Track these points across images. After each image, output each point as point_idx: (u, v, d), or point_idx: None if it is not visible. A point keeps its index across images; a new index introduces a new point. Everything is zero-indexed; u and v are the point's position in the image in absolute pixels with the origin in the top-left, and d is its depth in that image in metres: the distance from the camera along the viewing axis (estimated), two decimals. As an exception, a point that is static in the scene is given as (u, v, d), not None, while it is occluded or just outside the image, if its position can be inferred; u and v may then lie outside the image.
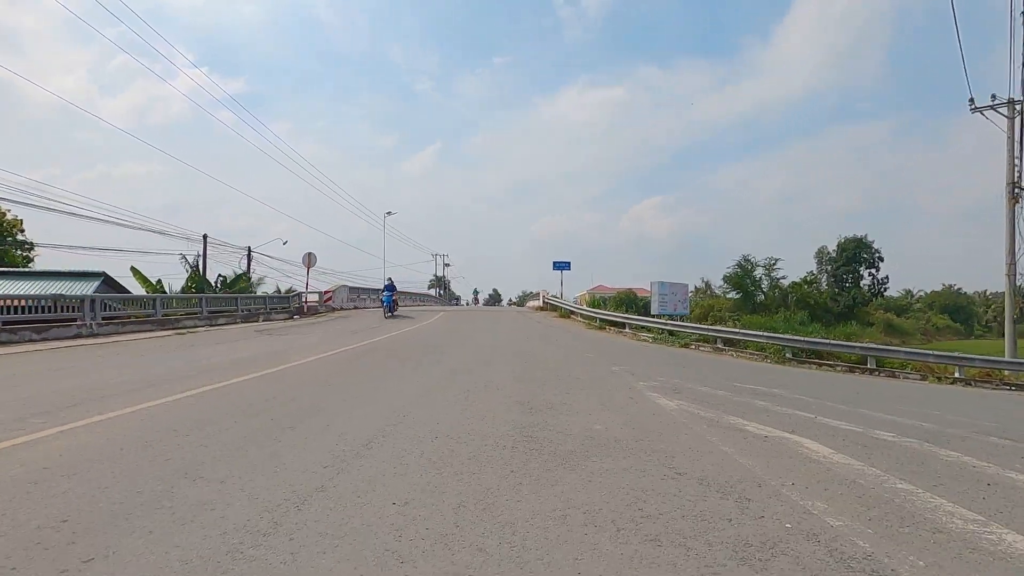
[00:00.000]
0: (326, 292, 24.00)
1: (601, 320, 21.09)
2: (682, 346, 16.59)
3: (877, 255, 62.25)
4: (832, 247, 65.12)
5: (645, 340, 17.84)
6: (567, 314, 24.80)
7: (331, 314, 22.62)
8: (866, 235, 62.90)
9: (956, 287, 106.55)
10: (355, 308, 26.49)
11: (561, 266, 27.67)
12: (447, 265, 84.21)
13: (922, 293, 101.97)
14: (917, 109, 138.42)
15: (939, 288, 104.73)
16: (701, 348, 16.39)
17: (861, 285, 63.29)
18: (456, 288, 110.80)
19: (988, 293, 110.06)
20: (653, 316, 21.61)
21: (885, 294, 66.39)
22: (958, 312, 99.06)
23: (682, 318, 26.34)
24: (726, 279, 60.47)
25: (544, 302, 28.75)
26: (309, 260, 22.14)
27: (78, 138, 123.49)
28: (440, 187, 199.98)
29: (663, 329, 17.96)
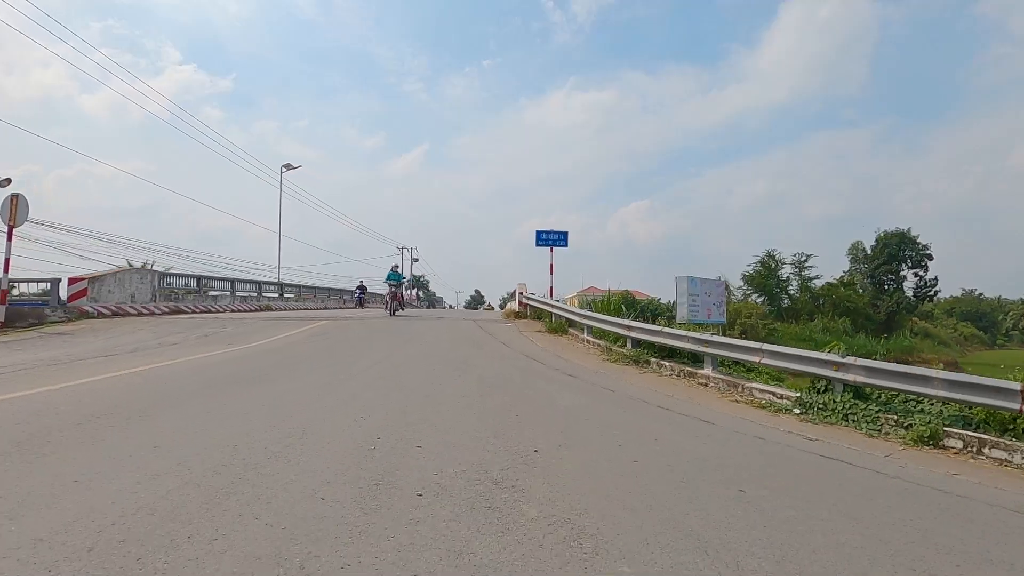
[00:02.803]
0: (75, 282, 12.10)
1: (635, 343, 9.72)
2: (921, 439, 5.30)
3: (924, 252, 51.95)
4: (868, 243, 54.71)
5: (767, 408, 6.54)
6: (560, 327, 13.38)
7: (68, 326, 10.94)
8: (909, 229, 52.57)
9: (977, 292, 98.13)
10: (170, 313, 14.78)
11: (550, 240, 15.97)
12: (415, 260, 72.93)
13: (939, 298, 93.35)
14: (898, 115, 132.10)
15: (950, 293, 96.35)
16: (998, 456, 5.07)
17: (904, 288, 53.08)
18: (436, 288, 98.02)
19: (1002, 299, 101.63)
20: (680, 326, 10.65)
21: (935, 298, 56.28)
22: (979, 319, 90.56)
23: (720, 329, 15.80)
24: (747, 279, 49.76)
25: (521, 304, 17.32)
26: (12, 209, 10.24)
27: (57, 135, 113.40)
28: (426, 188, 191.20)
29: (837, 383, 6.54)
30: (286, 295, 23.59)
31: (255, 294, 20.79)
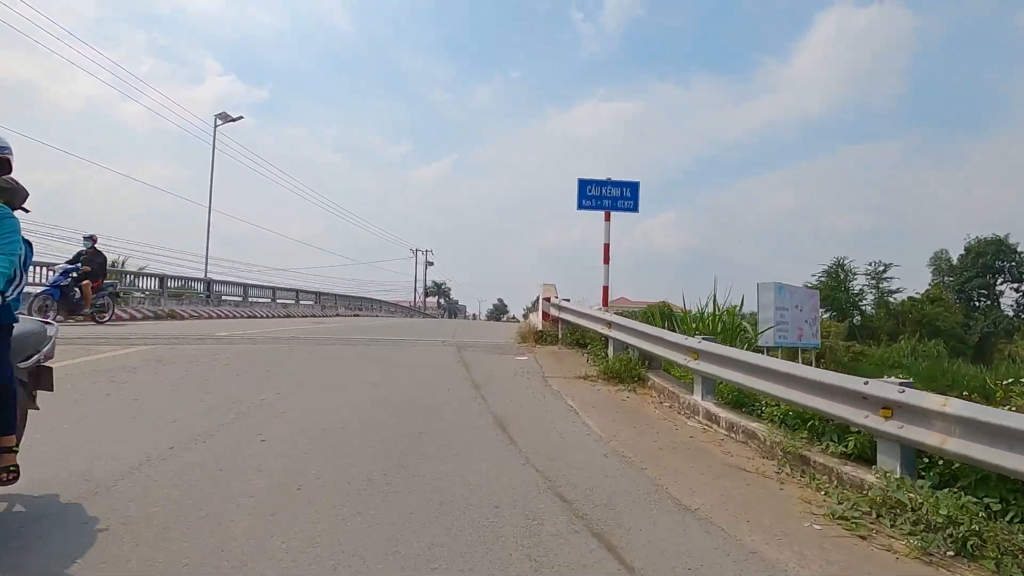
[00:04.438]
0: None
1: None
2: None
3: (1027, 262, 43.27)
4: (956, 253, 46.17)
5: None
6: (629, 370, 6.35)
7: None
8: (1008, 235, 43.97)
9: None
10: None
11: (604, 198, 8.10)
12: (430, 263, 66.24)
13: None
14: (934, 127, 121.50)
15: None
16: None
17: (1000, 305, 44.43)
18: (459, 296, 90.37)
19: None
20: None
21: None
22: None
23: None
24: (812, 291, 42.29)
25: (548, 317, 10.36)
26: None
27: (98, 142, 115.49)
28: (452, 197, 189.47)
29: None
30: (221, 296, 17.13)
31: (159, 292, 14.39)
